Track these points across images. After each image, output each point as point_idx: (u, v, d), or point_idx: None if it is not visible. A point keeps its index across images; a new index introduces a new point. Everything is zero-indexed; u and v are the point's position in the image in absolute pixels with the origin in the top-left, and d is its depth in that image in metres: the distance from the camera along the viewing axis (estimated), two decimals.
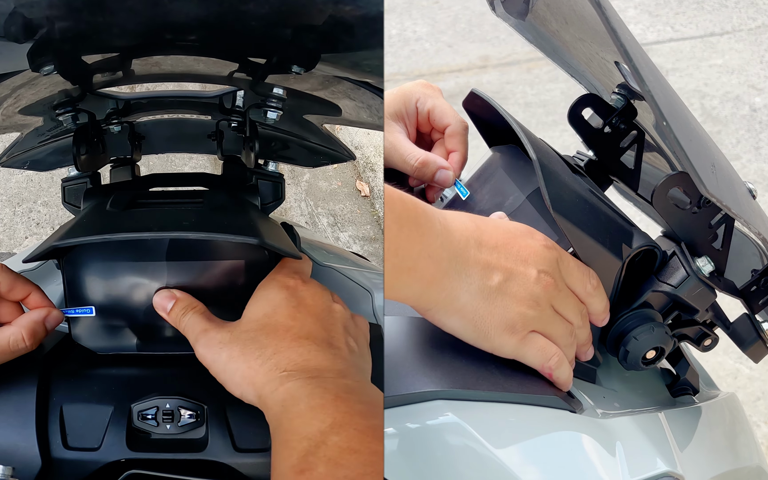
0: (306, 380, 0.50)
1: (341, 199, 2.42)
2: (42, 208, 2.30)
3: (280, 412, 0.49)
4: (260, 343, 0.53)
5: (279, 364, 0.52)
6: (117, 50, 0.56)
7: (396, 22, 3.40)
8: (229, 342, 0.54)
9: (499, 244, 0.57)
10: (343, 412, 0.48)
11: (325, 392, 0.49)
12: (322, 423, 0.47)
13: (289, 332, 0.53)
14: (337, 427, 0.47)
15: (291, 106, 0.66)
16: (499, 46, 3.19)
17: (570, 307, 0.59)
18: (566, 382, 0.59)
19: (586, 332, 0.61)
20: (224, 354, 0.53)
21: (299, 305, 0.55)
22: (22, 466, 0.55)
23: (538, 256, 0.57)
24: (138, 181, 0.75)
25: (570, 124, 0.71)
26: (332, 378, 0.51)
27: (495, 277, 0.56)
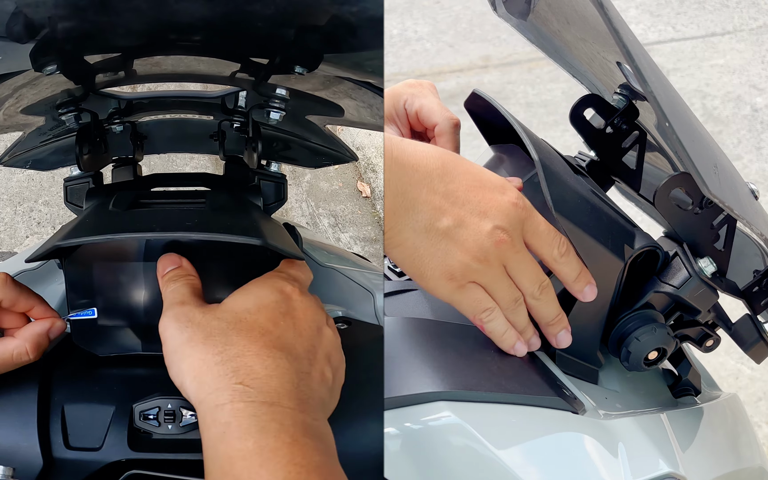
0: (259, 406, 0.43)
1: (342, 200, 2.42)
2: (43, 208, 2.30)
3: (218, 440, 0.42)
4: (228, 338, 0.47)
5: (237, 370, 0.45)
6: (120, 50, 0.56)
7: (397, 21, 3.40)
8: (197, 323, 0.48)
9: (460, 189, 0.56)
10: (298, 465, 0.41)
11: (281, 431, 0.42)
12: (271, 476, 0.40)
13: (264, 337, 0.48)
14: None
15: (293, 106, 0.66)
16: (500, 46, 3.19)
17: (524, 273, 0.57)
18: (501, 339, 0.58)
19: (547, 308, 0.59)
20: (186, 334, 0.48)
21: (287, 313, 0.50)
22: (24, 466, 0.55)
23: (500, 211, 0.56)
24: (140, 181, 0.75)
25: (572, 124, 0.71)
26: (291, 409, 0.44)
27: (444, 221, 0.55)
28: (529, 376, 0.57)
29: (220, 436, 0.42)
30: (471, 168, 0.57)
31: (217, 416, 0.43)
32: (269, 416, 0.43)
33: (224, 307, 0.50)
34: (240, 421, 0.42)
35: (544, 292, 0.58)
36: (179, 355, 0.47)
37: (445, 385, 0.54)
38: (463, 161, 0.58)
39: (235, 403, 0.43)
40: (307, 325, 0.51)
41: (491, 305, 0.58)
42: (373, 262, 0.94)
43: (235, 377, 0.44)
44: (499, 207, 0.56)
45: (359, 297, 0.77)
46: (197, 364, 0.46)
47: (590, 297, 0.59)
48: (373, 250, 2.20)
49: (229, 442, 0.42)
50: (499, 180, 0.58)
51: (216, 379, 0.45)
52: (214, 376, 0.45)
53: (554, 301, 0.59)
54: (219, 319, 0.49)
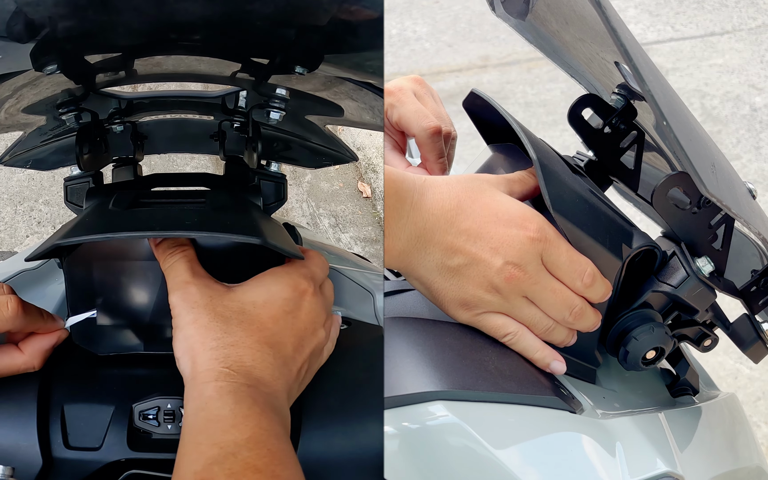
0: (239, 386, 0.49)
1: (343, 200, 2.42)
2: (43, 207, 2.30)
3: (199, 409, 0.48)
4: (229, 327, 0.51)
5: (228, 357, 0.50)
6: (121, 50, 0.56)
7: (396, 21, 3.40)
8: (204, 306, 0.52)
9: (473, 227, 0.57)
10: (263, 429, 0.47)
11: (254, 404, 0.48)
12: (240, 434, 0.46)
13: (260, 332, 0.52)
14: (253, 443, 0.46)
15: (294, 106, 0.66)
16: (499, 45, 3.19)
17: (548, 303, 0.58)
18: (534, 358, 0.60)
19: (582, 323, 0.60)
20: (192, 315, 0.51)
21: (291, 313, 0.53)
22: (23, 465, 0.55)
23: (513, 247, 0.57)
24: (140, 180, 0.75)
25: (570, 124, 0.71)
26: (265, 392, 0.50)
27: (456, 259, 0.57)
28: (527, 375, 0.58)
29: (202, 406, 0.48)
30: (490, 201, 0.58)
31: (202, 390, 0.48)
32: (246, 393, 0.48)
33: (233, 294, 0.53)
34: (221, 394, 0.48)
35: (578, 318, 0.59)
36: (183, 334, 0.51)
37: (443, 385, 0.54)
38: (482, 195, 0.58)
39: (219, 381, 0.49)
40: (304, 326, 0.54)
41: (513, 329, 0.59)
42: (373, 263, 0.95)
43: (224, 362, 0.50)
44: (511, 243, 0.57)
45: (359, 297, 0.77)
46: (196, 345, 0.50)
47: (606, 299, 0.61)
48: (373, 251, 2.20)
49: (209, 409, 0.47)
50: (520, 212, 0.58)
51: (208, 360, 0.50)
52: (207, 359, 0.50)
53: (591, 319, 0.60)
54: (225, 305, 0.52)
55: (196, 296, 0.52)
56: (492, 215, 0.57)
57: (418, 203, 0.56)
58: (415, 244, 0.57)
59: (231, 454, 0.45)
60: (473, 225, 0.57)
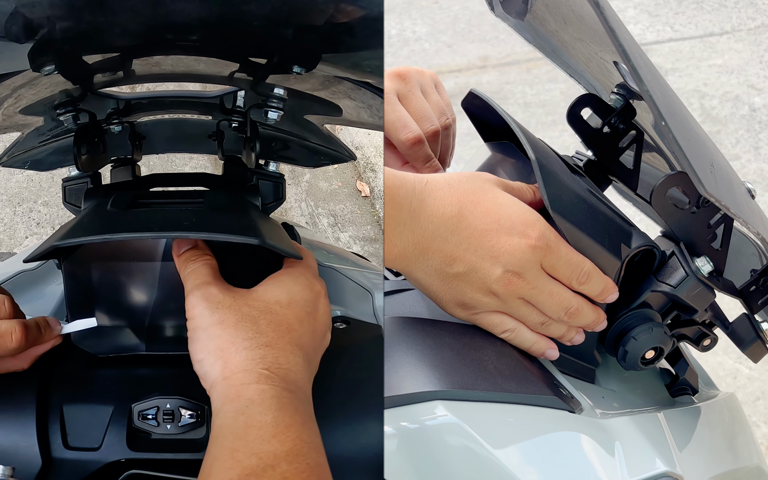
0: (281, 391, 0.47)
1: (342, 200, 2.42)
2: (42, 208, 2.30)
3: (239, 412, 0.46)
4: (259, 326, 0.50)
5: (265, 358, 0.48)
6: (118, 50, 0.56)
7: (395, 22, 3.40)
8: (228, 306, 0.50)
9: (474, 235, 0.57)
10: (304, 442, 0.45)
11: (296, 413, 0.46)
12: (281, 446, 0.44)
13: (290, 333, 0.51)
14: (293, 456, 0.44)
15: (292, 106, 0.66)
16: (498, 46, 3.19)
17: (545, 305, 0.59)
18: (530, 350, 0.61)
19: (580, 321, 0.61)
20: (217, 315, 0.50)
21: (311, 314, 0.53)
22: (23, 465, 0.55)
23: (514, 255, 0.57)
24: (139, 181, 0.75)
25: (569, 123, 0.72)
26: (303, 399, 0.48)
27: (455, 267, 0.57)
28: (526, 375, 0.58)
29: (242, 409, 0.46)
30: (492, 206, 0.58)
31: (243, 392, 0.46)
32: (288, 400, 0.47)
33: (256, 294, 0.52)
34: (263, 399, 0.46)
35: (573, 316, 0.60)
36: (208, 334, 0.50)
37: (442, 385, 0.54)
38: (485, 198, 0.58)
39: (260, 384, 0.47)
40: (321, 329, 0.54)
41: (510, 326, 0.60)
42: (372, 262, 0.94)
43: (262, 363, 0.48)
44: (513, 251, 0.57)
45: (358, 296, 0.77)
46: (226, 345, 0.49)
47: (613, 299, 0.61)
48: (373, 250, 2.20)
49: (250, 414, 0.45)
50: (522, 218, 0.58)
51: (244, 361, 0.48)
52: (243, 359, 0.48)
53: (590, 316, 0.60)
54: (250, 306, 0.51)
55: (218, 296, 0.51)
56: (494, 222, 0.57)
57: (417, 211, 0.56)
58: (413, 250, 0.57)
59: (270, 467, 0.43)
60: (474, 233, 0.57)
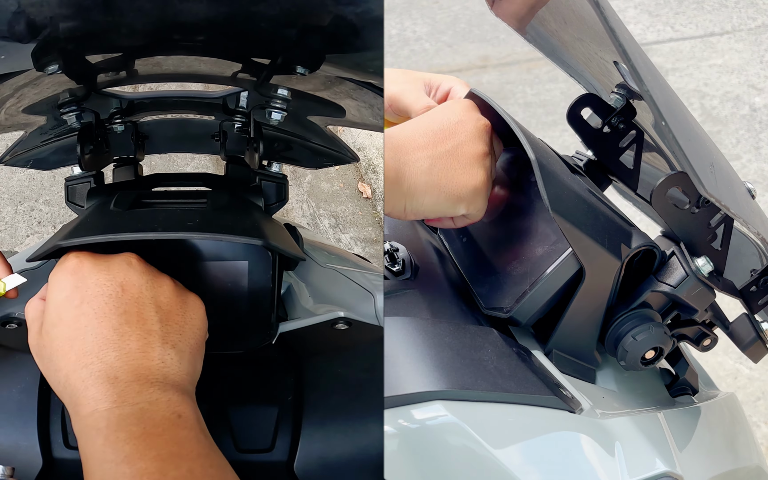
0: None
1: (343, 201, 2.42)
2: (44, 207, 2.30)
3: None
4: (55, 365, 0.50)
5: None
6: (122, 50, 0.57)
7: (396, 21, 3.40)
8: (38, 358, 0.52)
9: (433, 129, 0.60)
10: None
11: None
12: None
13: (74, 346, 0.50)
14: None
15: (295, 106, 0.66)
16: (498, 46, 3.19)
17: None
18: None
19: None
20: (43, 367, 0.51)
21: (83, 300, 0.51)
22: (24, 465, 0.55)
23: (466, 121, 0.61)
24: (141, 180, 0.75)
25: (569, 123, 0.72)
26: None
27: (444, 145, 0.60)
28: (526, 375, 0.58)
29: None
30: (431, 115, 0.62)
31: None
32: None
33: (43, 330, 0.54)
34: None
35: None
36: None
37: (442, 385, 0.55)
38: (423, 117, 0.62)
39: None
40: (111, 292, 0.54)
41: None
42: (373, 263, 0.95)
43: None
44: (463, 120, 0.62)
45: (359, 297, 0.77)
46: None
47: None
48: (374, 251, 2.20)
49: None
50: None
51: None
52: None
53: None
54: (43, 345, 0.53)
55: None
56: (438, 118, 0.62)
57: (390, 133, 0.59)
58: (402, 157, 0.58)
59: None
60: (431, 128, 0.61)
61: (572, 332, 0.62)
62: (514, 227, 0.65)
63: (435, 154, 0.59)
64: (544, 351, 0.63)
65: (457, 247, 0.71)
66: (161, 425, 0.47)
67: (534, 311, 0.62)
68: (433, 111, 0.63)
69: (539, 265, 0.61)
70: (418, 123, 0.61)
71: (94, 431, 0.46)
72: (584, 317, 0.62)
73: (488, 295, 0.65)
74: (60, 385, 0.49)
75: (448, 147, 0.60)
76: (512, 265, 0.64)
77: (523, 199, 0.66)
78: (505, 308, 0.62)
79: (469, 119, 0.61)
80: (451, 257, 0.71)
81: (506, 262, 0.65)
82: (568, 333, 0.62)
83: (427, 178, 0.59)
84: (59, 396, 0.50)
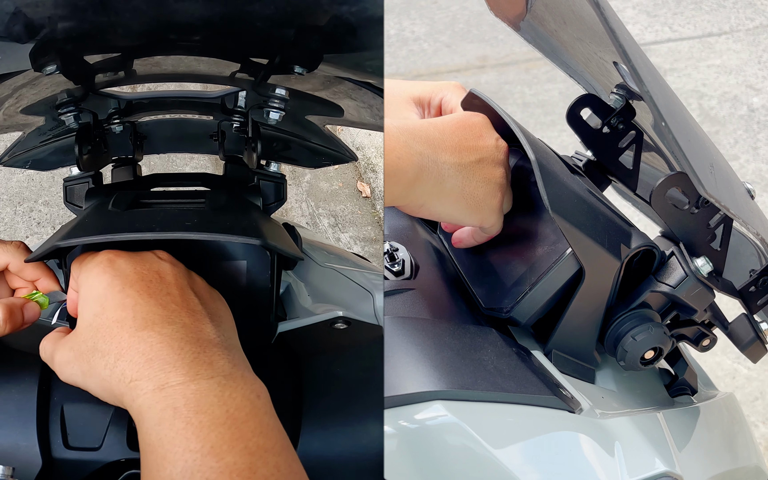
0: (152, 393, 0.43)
1: (342, 200, 2.42)
2: (43, 208, 2.29)
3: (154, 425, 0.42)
4: (101, 350, 0.47)
5: (125, 372, 0.45)
6: (120, 50, 0.56)
7: (394, 22, 3.40)
8: (75, 360, 0.48)
9: (459, 136, 0.61)
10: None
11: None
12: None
13: (124, 326, 0.47)
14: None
15: (293, 106, 0.66)
16: (497, 46, 3.19)
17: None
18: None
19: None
20: (77, 370, 0.48)
21: (125, 284, 0.48)
22: (23, 465, 0.55)
23: (487, 138, 0.62)
24: (140, 180, 0.75)
25: (568, 124, 0.72)
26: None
27: (469, 156, 0.60)
28: (526, 375, 0.58)
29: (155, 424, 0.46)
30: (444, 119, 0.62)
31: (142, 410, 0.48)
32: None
33: (78, 327, 0.50)
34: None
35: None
36: (93, 387, 0.50)
37: (442, 385, 0.55)
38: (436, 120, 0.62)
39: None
40: (148, 279, 0.53)
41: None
42: (372, 262, 0.95)
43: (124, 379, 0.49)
44: (477, 132, 0.62)
45: (358, 297, 0.77)
46: (101, 384, 0.50)
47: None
48: (373, 250, 2.20)
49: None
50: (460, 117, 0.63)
51: (117, 386, 0.49)
52: (115, 385, 0.48)
53: None
54: (83, 340, 0.50)
55: (64, 359, 0.52)
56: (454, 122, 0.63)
57: (407, 127, 0.58)
58: (429, 155, 0.58)
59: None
60: (448, 130, 0.61)
61: (572, 332, 0.62)
62: (514, 227, 0.65)
63: (462, 162, 0.59)
64: (543, 351, 0.63)
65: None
66: (244, 408, 0.43)
67: (534, 311, 0.62)
68: (455, 118, 0.62)
69: (539, 265, 0.61)
70: (445, 125, 0.61)
71: (170, 411, 0.41)
72: (584, 317, 0.62)
73: (488, 295, 0.65)
74: (107, 370, 0.45)
75: (473, 159, 0.60)
76: (512, 265, 0.64)
77: (522, 200, 0.66)
78: (504, 308, 0.62)
79: (489, 137, 0.62)
80: (451, 257, 0.71)
81: (506, 262, 0.65)
82: (567, 333, 0.62)
83: (453, 183, 0.59)
84: (102, 391, 0.46)
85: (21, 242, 0.58)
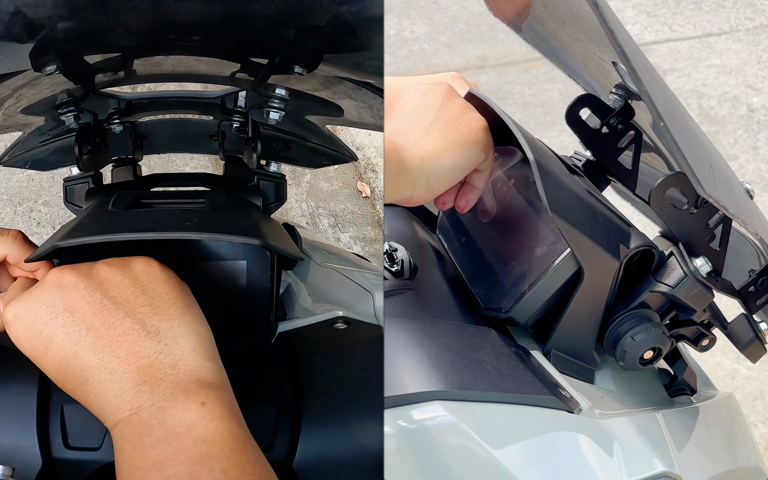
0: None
1: (342, 200, 2.42)
2: (43, 208, 2.29)
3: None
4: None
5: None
6: (120, 50, 0.56)
7: (394, 22, 3.40)
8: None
9: (424, 105, 0.62)
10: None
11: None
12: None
13: (66, 382, 0.49)
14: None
15: (293, 106, 0.66)
16: (497, 46, 3.19)
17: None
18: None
19: None
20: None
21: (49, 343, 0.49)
22: (23, 465, 0.55)
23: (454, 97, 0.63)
24: (140, 180, 0.75)
25: (567, 124, 0.72)
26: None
27: (436, 113, 0.61)
28: (525, 375, 0.58)
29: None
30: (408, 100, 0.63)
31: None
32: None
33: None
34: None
35: None
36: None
37: (441, 385, 0.55)
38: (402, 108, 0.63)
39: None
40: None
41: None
42: (372, 262, 0.95)
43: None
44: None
45: (358, 297, 0.77)
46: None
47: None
48: (373, 250, 2.20)
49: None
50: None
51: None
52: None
53: None
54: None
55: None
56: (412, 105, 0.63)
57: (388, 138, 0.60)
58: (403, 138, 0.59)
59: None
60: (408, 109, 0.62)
61: (571, 332, 0.62)
62: (513, 227, 0.65)
63: (431, 120, 0.60)
64: (542, 351, 0.63)
65: (456, 247, 0.71)
66: (184, 422, 0.46)
67: (533, 311, 0.62)
68: (416, 96, 0.63)
69: (538, 265, 0.61)
70: (405, 106, 0.62)
71: (121, 440, 0.46)
72: (583, 317, 0.62)
73: (487, 296, 0.65)
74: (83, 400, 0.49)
75: (441, 111, 0.61)
76: (511, 265, 0.64)
77: (521, 200, 0.66)
78: (503, 308, 0.62)
79: (450, 93, 0.63)
80: (450, 257, 0.71)
81: (505, 263, 0.65)
82: (566, 333, 0.62)
83: (428, 139, 0.59)
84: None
85: (19, 232, 0.58)
